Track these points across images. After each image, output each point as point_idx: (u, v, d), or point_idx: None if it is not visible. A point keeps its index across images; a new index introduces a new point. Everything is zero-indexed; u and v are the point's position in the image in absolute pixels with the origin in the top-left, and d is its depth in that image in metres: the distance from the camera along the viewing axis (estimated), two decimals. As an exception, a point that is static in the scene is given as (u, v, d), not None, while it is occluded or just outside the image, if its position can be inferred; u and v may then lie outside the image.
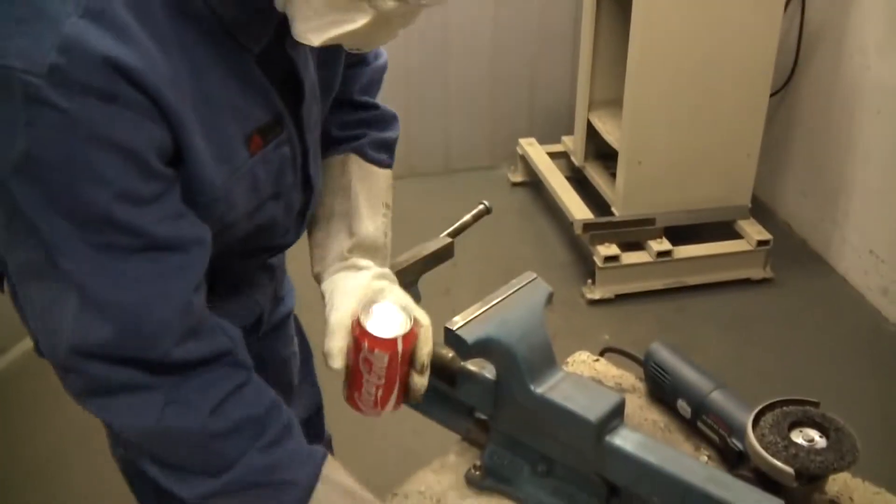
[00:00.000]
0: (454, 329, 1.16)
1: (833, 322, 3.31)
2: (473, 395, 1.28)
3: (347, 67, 1.32)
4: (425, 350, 1.17)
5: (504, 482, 1.28)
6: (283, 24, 1.00)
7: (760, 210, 3.77)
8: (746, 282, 3.50)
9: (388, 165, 1.36)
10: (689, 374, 1.40)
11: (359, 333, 1.13)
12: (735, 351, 3.12)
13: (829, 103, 3.54)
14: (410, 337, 1.15)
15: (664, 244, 3.43)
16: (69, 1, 0.86)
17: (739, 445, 1.28)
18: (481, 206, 1.51)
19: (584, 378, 1.25)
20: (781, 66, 3.56)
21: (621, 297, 3.41)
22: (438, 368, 1.31)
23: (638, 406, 1.46)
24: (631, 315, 3.32)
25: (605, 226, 3.45)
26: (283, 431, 1.08)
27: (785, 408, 1.24)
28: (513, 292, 1.25)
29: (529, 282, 1.27)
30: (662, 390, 1.43)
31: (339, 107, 1.33)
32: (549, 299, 1.26)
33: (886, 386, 2.95)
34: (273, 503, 1.05)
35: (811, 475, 1.16)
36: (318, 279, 1.29)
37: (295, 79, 1.13)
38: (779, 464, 1.16)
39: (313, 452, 1.11)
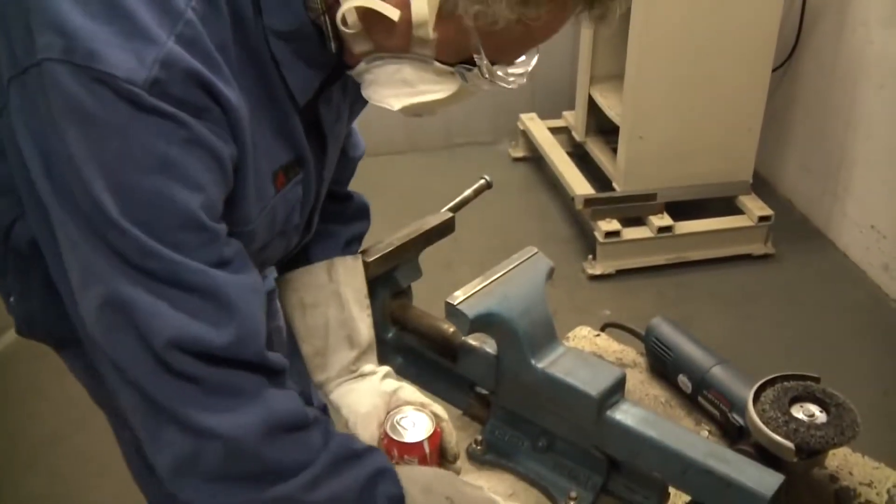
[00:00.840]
0: (455, 304, 1.16)
1: (834, 298, 3.31)
2: (474, 370, 1.28)
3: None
4: (452, 441, 1.22)
5: (505, 457, 1.28)
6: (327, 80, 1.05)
7: (762, 185, 3.76)
8: (747, 257, 3.50)
9: (361, 253, 1.37)
10: (690, 349, 1.40)
11: (387, 444, 1.19)
12: (736, 326, 3.12)
13: (831, 78, 3.52)
14: (435, 437, 1.20)
15: (665, 219, 3.42)
16: (166, 24, 0.90)
17: (740, 420, 1.28)
18: (482, 181, 1.51)
19: (585, 353, 1.25)
20: (784, 41, 3.54)
21: (622, 273, 3.41)
22: (439, 343, 1.31)
23: (639, 381, 1.46)
24: (632, 290, 3.33)
25: (606, 201, 3.45)
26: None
27: (785, 383, 1.24)
28: (514, 267, 1.24)
29: (530, 256, 1.27)
30: (663, 365, 1.43)
31: (329, 200, 1.34)
32: (550, 274, 1.26)
33: (886, 361, 2.96)
34: (374, 464, 1.06)
35: (811, 450, 1.17)
36: (321, 388, 1.32)
37: (319, 129, 1.15)
38: (779, 439, 1.16)
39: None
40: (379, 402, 1.25)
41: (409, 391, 1.28)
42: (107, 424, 1.43)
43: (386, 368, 1.33)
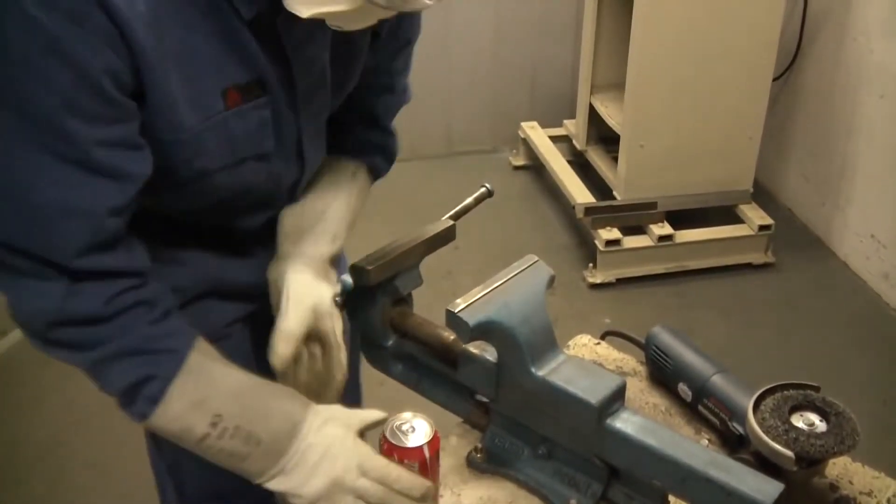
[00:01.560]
0: (456, 311, 1.16)
1: (834, 307, 3.31)
2: (475, 377, 1.28)
3: (380, 94, 1.42)
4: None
5: (505, 464, 1.28)
6: None
7: (762, 194, 3.77)
8: (748, 266, 3.50)
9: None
10: (690, 357, 1.40)
11: (387, 448, 1.20)
12: (736, 335, 3.12)
13: (831, 87, 3.53)
14: (435, 442, 1.21)
15: (665, 228, 3.42)
16: None
17: (740, 429, 1.28)
18: (483, 189, 1.51)
19: (586, 361, 1.25)
20: (784, 50, 3.55)
21: (622, 281, 3.41)
22: (439, 351, 1.31)
23: (639, 389, 1.46)
24: (632, 299, 3.33)
25: (607, 209, 3.45)
26: (166, 313, 1.14)
27: (785, 392, 1.24)
28: (514, 275, 1.24)
29: (531, 265, 1.27)
30: (664, 374, 1.43)
31: (368, 125, 1.44)
32: (551, 282, 1.26)
33: (887, 370, 2.96)
34: (151, 369, 1.11)
35: (811, 459, 1.17)
36: (280, 260, 1.33)
37: (283, 51, 1.17)
38: (779, 447, 1.16)
39: (189, 330, 1.16)
40: (311, 311, 1.28)
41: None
42: (108, 429, 1.44)
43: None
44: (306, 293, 1.30)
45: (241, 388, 1.15)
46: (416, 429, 1.21)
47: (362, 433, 1.18)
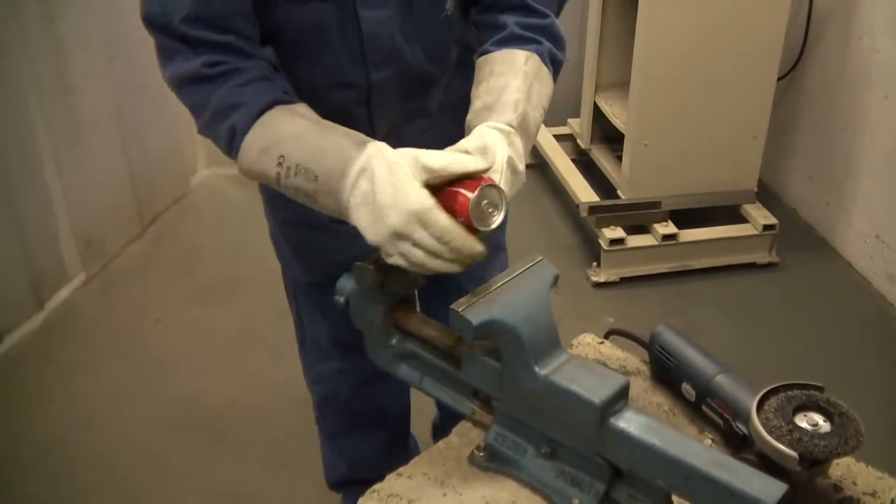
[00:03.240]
0: (459, 311, 1.16)
1: (838, 307, 3.31)
2: (478, 376, 1.28)
3: None
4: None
5: (508, 464, 1.28)
6: None
7: (766, 194, 3.76)
8: (752, 266, 3.50)
9: (554, 79, 1.54)
10: (694, 357, 1.40)
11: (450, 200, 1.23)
12: (740, 335, 3.12)
13: (836, 87, 3.53)
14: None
15: (670, 227, 3.42)
16: None
17: (743, 429, 1.28)
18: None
19: (589, 360, 1.25)
20: (789, 50, 3.55)
21: (626, 280, 3.41)
22: (443, 350, 1.31)
23: (642, 389, 1.46)
24: (636, 298, 3.33)
25: (611, 209, 3.45)
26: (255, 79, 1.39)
27: (789, 392, 1.24)
28: (518, 274, 1.25)
29: (535, 264, 1.27)
30: (667, 373, 1.43)
31: (521, 13, 1.53)
32: (555, 282, 1.26)
33: (891, 371, 2.95)
34: (234, 122, 1.35)
35: (815, 459, 1.17)
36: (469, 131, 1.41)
37: None
38: (783, 448, 1.16)
39: (273, 94, 1.38)
40: (492, 145, 1.34)
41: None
42: (110, 427, 1.46)
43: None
44: (489, 136, 1.35)
45: (304, 132, 1.33)
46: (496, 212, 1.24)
47: (426, 181, 1.23)
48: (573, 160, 3.88)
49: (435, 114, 1.69)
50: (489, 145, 1.32)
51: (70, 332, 3.14)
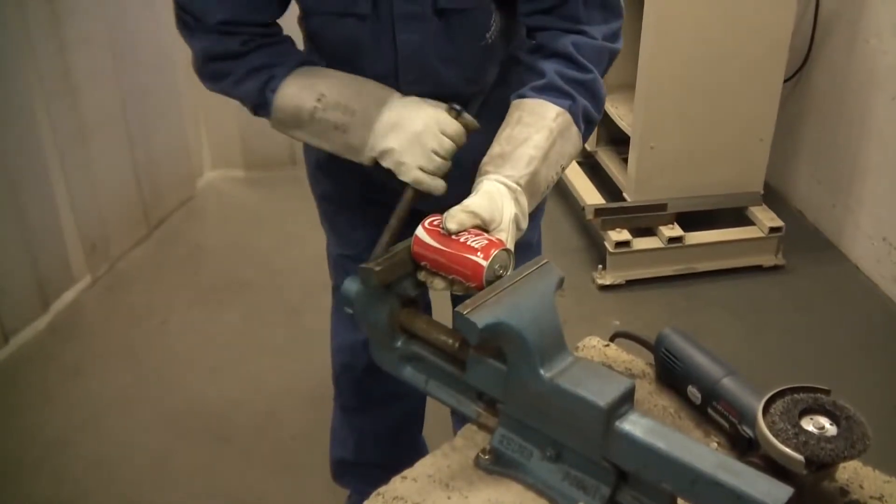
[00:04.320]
0: (464, 313, 1.16)
1: (845, 310, 3.31)
2: (483, 379, 1.28)
3: (566, 35, 1.54)
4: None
5: (513, 467, 1.28)
6: None
7: (773, 196, 3.76)
8: (758, 269, 3.49)
9: (584, 139, 1.56)
10: (700, 360, 1.39)
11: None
12: (746, 338, 3.11)
13: (843, 89, 3.52)
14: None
15: (676, 230, 3.42)
16: None
17: (749, 432, 1.27)
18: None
19: (595, 363, 1.25)
20: (796, 51, 3.54)
21: (632, 283, 3.41)
22: (448, 352, 1.31)
23: (648, 392, 1.46)
24: (642, 301, 3.32)
25: (617, 211, 3.45)
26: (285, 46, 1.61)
27: (795, 395, 1.24)
28: (523, 277, 1.25)
29: (541, 266, 1.27)
30: (673, 376, 1.43)
31: (563, 62, 1.53)
32: (560, 284, 1.26)
33: (898, 374, 2.95)
34: (272, 72, 1.55)
35: (821, 463, 1.16)
36: (479, 177, 1.46)
37: None
38: (789, 451, 1.16)
39: (301, 57, 1.59)
40: (497, 204, 1.40)
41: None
42: (115, 429, 1.48)
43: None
44: (497, 193, 1.40)
45: (342, 78, 1.53)
46: (503, 272, 1.31)
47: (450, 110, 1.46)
48: (579, 162, 3.88)
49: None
50: (496, 205, 1.38)
51: (75, 334, 3.15)
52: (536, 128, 1.47)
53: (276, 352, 3.01)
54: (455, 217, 1.32)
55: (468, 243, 1.30)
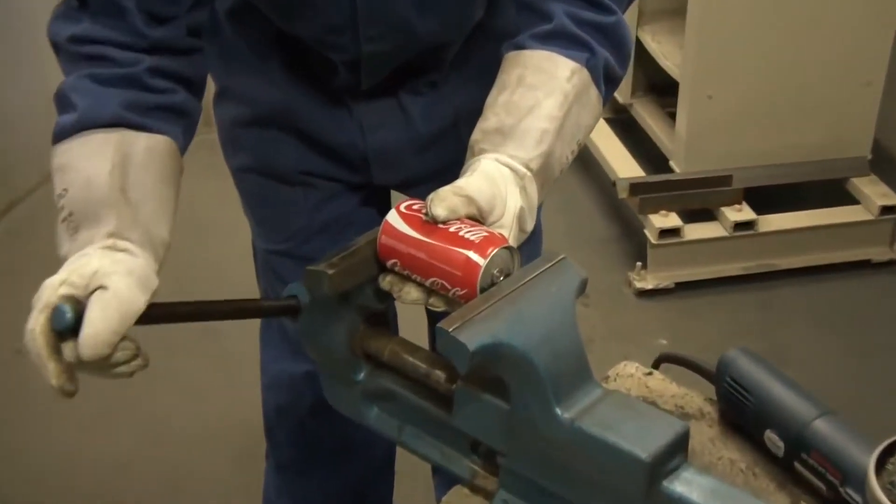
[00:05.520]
0: (450, 330, 1.16)
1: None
2: (477, 422, 1.29)
3: None
4: None
5: (520, 544, 1.29)
6: None
7: (885, 164, 3.74)
8: (864, 265, 3.50)
9: (605, 103, 1.56)
10: (781, 394, 1.40)
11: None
12: (846, 362, 3.12)
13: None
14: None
15: (745, 212, 3.43)
16: None
17: (856, 497, 1.28)
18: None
19: (632, 398, 1.26)
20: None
21: (684, 287, 3.42)
22: (429, 386, 1.32)
23: (708, 438, 1.47)
24: (697, 311, 3.34)
25: (661, 187, 3.46)
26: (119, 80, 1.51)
27: (919, 444, 1.25)
28: (532, 279, 1.25)
29: (554, 264, 1.28)
30: (743, 417, 1.44)
31: (578, 4, 1.52)
32: (582, 289, 1.27)
33: None
34: (62, 114, 1.47)
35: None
36: (473, 158, 1.46)
37: None
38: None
39: (124, 106, 1.49)
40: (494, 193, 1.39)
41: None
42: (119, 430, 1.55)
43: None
44: (500, 179, 1.39)
45: (95, 180, 1.42)
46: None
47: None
48: (608, 120, 3.89)
49: (442, 75, 1.78)
50: (499, 192, 1.37)
51: None
52: (545, 91, 1.47)
53: (181, 389, 3.01)
54: (445, 200, 1.32)
55: (459, 234, 1.30)
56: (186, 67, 1.53)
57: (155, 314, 1.30)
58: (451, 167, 1.45)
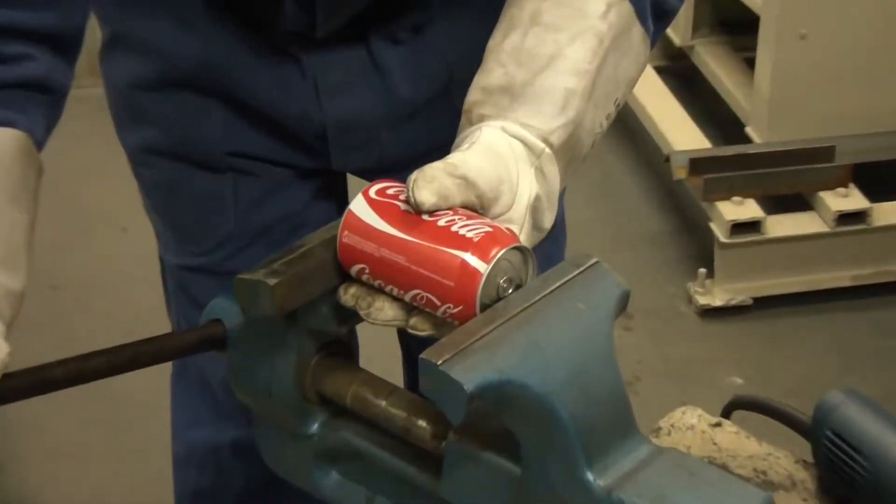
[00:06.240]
0: (439, 364, 1.16)
1: None
2: (476, 494, 1.30)
3: None
4: None
5: None
6: None
7: None
8: None
9: (653, 45, 1.57)
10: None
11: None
12: None
13: None
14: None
15: (852, 198, 3.44)
16: None
17: None
18: None
19: (694, 460, 1.26)
20: None
21: (765, 304, 3.43)
22: (408, 442, 1.32)
23: (800, 515, 1.48)
24: (784, 338, 3.35)
25: (734, 163, 3.46)
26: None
27: None
28: (552, 292, 1.26)
29: (583, 271, 1.28)
30: (852, 487, 1.44)
31: None
32: (623, 305, 1.27)
33: None
34: None
35: None
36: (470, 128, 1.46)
37: None
38: None
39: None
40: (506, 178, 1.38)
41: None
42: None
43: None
44: (508, 154, 1.38)
45: None
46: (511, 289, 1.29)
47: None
48: (658, 69, 3.90)
49: (429, 14, 1.75)
50: (506, 174, 1.36)
51: None
52: (571, 33, 1.46)
53: (54, 454, 3.04)
54: (433, 182, 1.29)
55: (452, 229, 1.28)
56: (47, 18, 1.49)
57: (6, 390, 1.29)
58: (441, 149, 1.40)
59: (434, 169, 1.29)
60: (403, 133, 1.77)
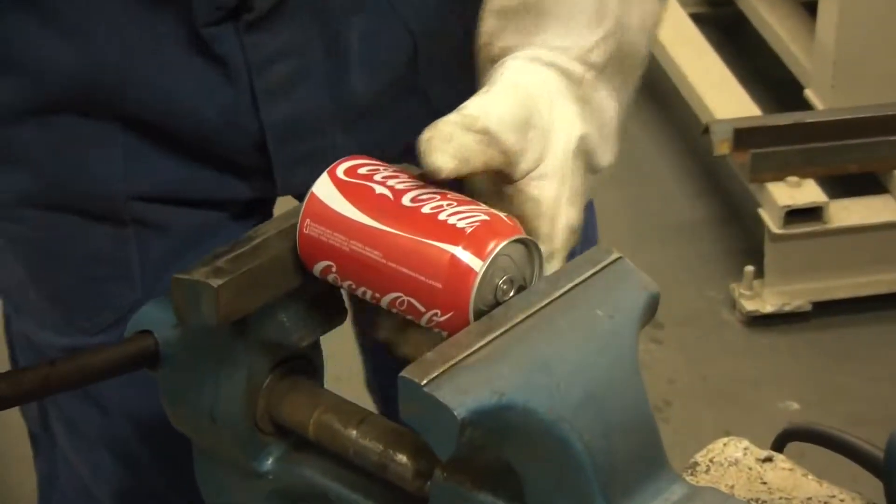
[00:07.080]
0: (423, 384, 1.17)
1: None
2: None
3: None
4: None
5: None
6: None
7: None
8: None
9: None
10: None
11: None
12: None
13: None
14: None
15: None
16: None
17: None
18: None
19: (737, 501, 1.27)
20: None
21: (826, 309, 3.44)
22: (387, 480, 1.33)
23: (870, 572, 1.49)
24: (850, 353, 3.36)
25: (790, 135, 3.47)
26: None
27: None
28: (564, 295, 1.26)
29: (603, 269, 1.29)
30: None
31: None
32: (652, 311, 1.28)
33: None
34: None
35: None
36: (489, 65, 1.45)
37: None
38: None
39: None
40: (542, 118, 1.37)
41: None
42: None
43: None
44: (537, 89, 1.38)
45: None
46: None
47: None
48: (695, 16, 3.91)
49: None
50: (537, 115, 1.36)
51: None
52: None
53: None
54: (451, 140, 1.28)
55: (440, 217, 1.27)
56: None
57: None
58: (408, 151, 1.37)
59: (449, 123, 1.28)
60: (362, 133, 1.72)
